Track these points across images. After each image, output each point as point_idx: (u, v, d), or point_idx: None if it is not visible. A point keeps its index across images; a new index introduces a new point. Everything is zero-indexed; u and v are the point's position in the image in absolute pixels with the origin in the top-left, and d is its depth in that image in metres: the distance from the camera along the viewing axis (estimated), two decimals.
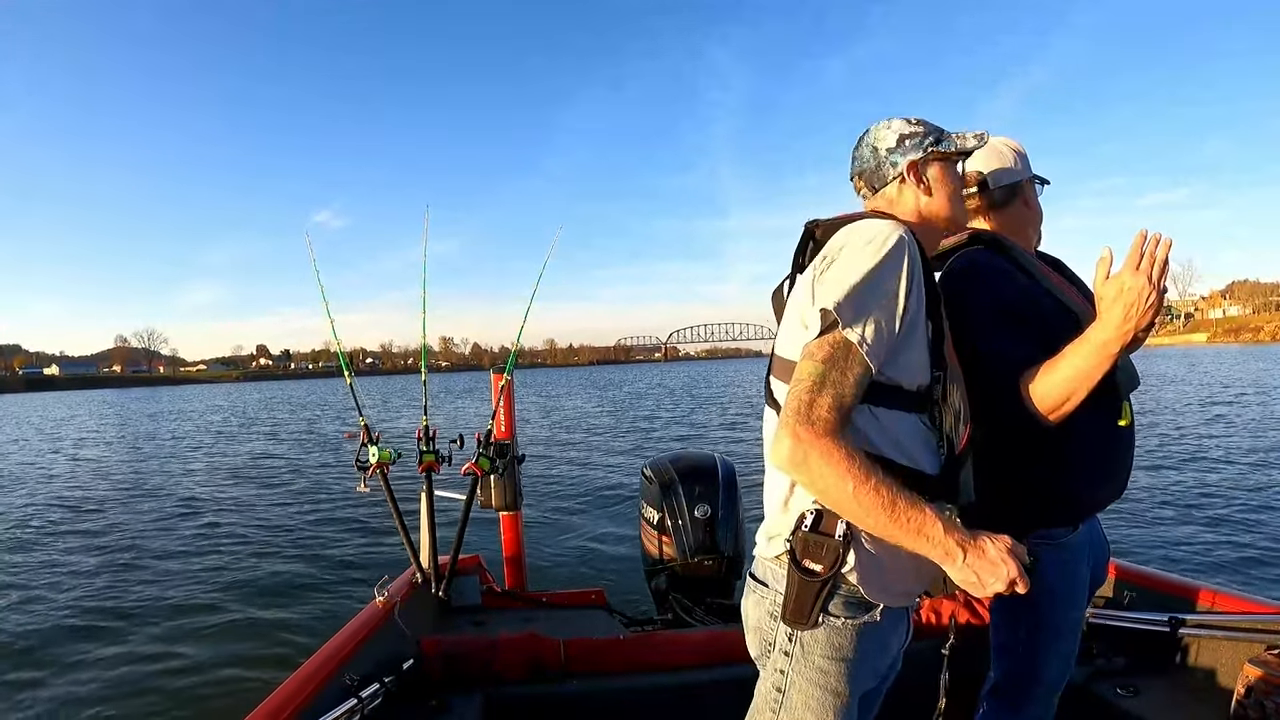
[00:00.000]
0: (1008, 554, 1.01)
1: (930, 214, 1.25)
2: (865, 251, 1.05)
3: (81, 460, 15.51)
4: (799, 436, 0.98)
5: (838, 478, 0.97)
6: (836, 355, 1.01)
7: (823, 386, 1.00)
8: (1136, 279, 1.19)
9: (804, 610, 1.05)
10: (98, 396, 79.72)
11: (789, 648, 1.09)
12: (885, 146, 1.26)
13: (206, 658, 4.29)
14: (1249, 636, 1.98)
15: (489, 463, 2.94)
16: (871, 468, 0.98)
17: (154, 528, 8.10)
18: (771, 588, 1.12)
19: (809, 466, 0.98)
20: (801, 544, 1.05)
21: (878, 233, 1.07)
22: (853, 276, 1.03)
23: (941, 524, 0.99)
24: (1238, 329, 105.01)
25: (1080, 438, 1.39)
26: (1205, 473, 8.80)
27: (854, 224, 1.13)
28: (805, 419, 0.98)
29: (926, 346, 1.11)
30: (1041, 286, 1.43)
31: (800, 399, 1.00)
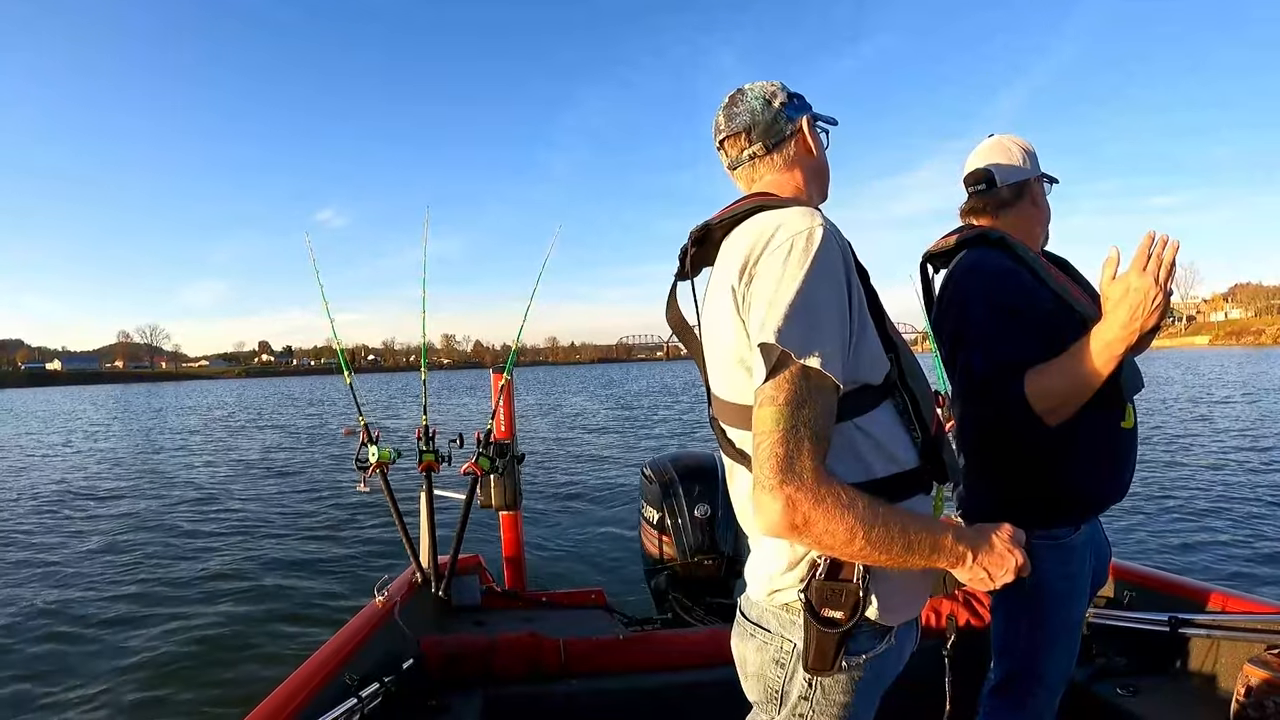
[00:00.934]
0: (1011, 543, 0.97)
1: (819, 175, 1.18)
2: (791, 261, 0.92)
3: (83, 457, 15.52)
4: (791, 500, 0.86)
5: (847, 529, 0.87)
6: (799, 391, 0.89)
7: (795, 432, 0.87)
8: (1143, 279, 1.18)
9: (827, 659, 0.97)
10: (100, 392, 79.79)
11: (808, 693, 1.02)
12: (779, 101, 1.14)
13: (206, 657, 4.30)
14: (1249, 636, 1.98)
15: (489, 462, 2.94)
16: (874, 504, 0.90)
17: (154, 527, 8.11)
18: (775, 634, 1.04)
19: (811, 528, 0.88)
20: (818, 594, 0.96)
21: (797, 232, 0.94)
22: (787, 295, 0.90)
23: (950, 532, 0.94)
24: (1239, 332, 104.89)
25: (1084, 438, 1.39)
26: (1205, 473, 8.79)
27: (754, 222, 1.01)
28: (790, 476, 0.87)
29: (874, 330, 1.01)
30: (1047, 286, 1.42)
31: (776, 454, 0.87)
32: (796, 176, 1.14)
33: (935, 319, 1.55)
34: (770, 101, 1.13)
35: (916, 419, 1.03)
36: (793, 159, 1.14)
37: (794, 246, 0.93)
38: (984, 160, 1.58)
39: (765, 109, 1.13)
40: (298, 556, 6.56)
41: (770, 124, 1.13)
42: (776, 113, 1.13)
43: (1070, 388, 1.26)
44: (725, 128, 1.15)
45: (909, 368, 1.04)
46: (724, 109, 1.16)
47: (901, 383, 1.02)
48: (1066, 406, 1.29)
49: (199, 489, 10.68)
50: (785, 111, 1.14)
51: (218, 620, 4.92)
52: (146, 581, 5.93)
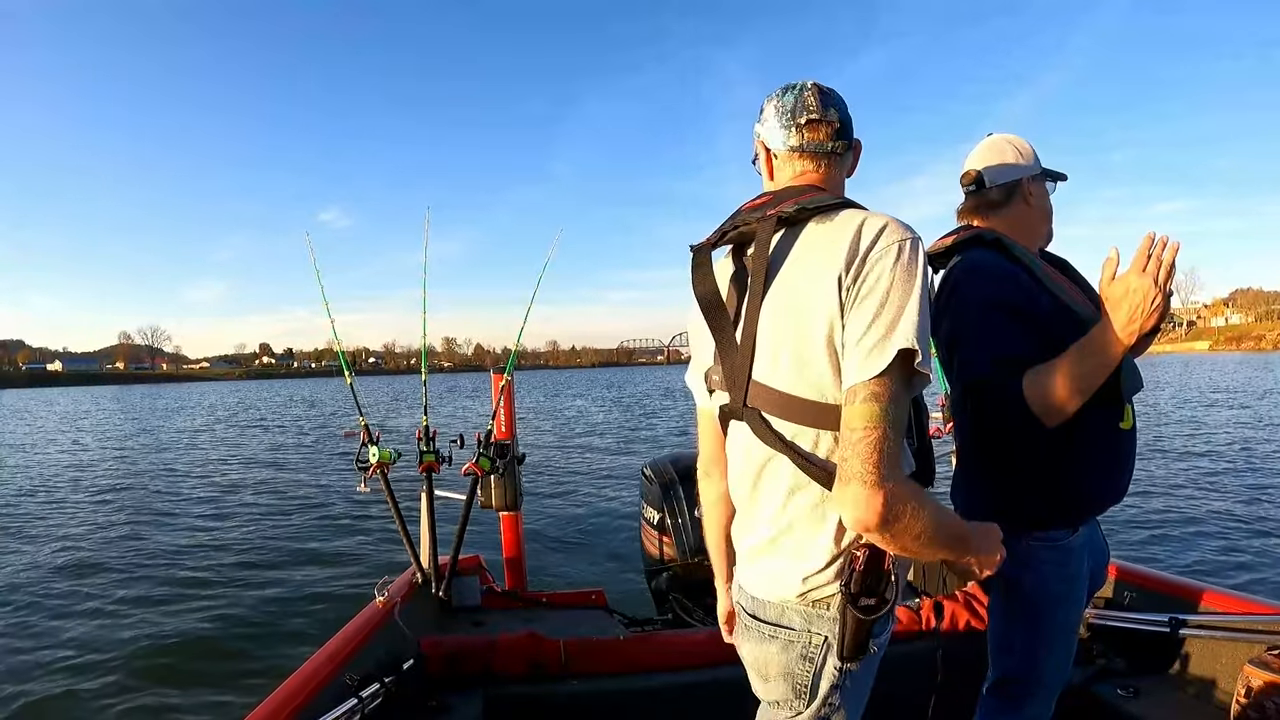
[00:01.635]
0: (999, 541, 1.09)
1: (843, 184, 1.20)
2: (911, 269, 0.95)
3: (85, 456, 15.54)
4: (893, 495, 0.89)
5: (922, 527, 0.91)
6: (897, 391, 0.92)
7: (896, 430, 0.91)
8: (1142, 280, 1.18)
9: (861, 644, 1.02)
10: (102, 393, 79.82)
11: (839, 681, 1.06)
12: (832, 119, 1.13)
13: (206, 657, 4.30)
14: (1249, 637, 1.98)
15: (489, 463, 2.94)
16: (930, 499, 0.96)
17: (154, 526, 8.12)
18: (801, 630, 1.06)
19: (898, 522, 0.90)
20: (859, 584, 0.99)
21: (904, 239, 0.97)
22: (909, 298, 0.93)
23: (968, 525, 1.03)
24: (1239, 337, 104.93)
25: (1082, 440, 1.39)
26: (1205, 473, 8.79)
27: (856, 217, 1.01)
28: (893, 472, 0.89)
29: None
30: (1044, 287, 1.43)
31: (881, 450, 0.89)
32: (843, 182, 1.18)
33: (932, 320, 1.55)
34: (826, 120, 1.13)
35: (915, 425, 1.07)
36: (849, 166, 1.19)
37: (904, 251, 0.95)
38: (978, 161, 1.59)
39: (848, 114, 1.16)
40: (298, 557, 6.56)
41: (851, 128, 1.16)
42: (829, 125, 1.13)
43: (1068, 388, 1.26)
44: (818, 111, 1.12)
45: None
46: (810, 94, 1.13)
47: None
48: (1065, 407, 1.28)
49: (199, 489, 10.69)
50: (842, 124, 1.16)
51: (218, 620, 4.93)
52: (146, 581, 5.93)
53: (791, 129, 1.13)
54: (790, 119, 1.13)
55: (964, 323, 1.43)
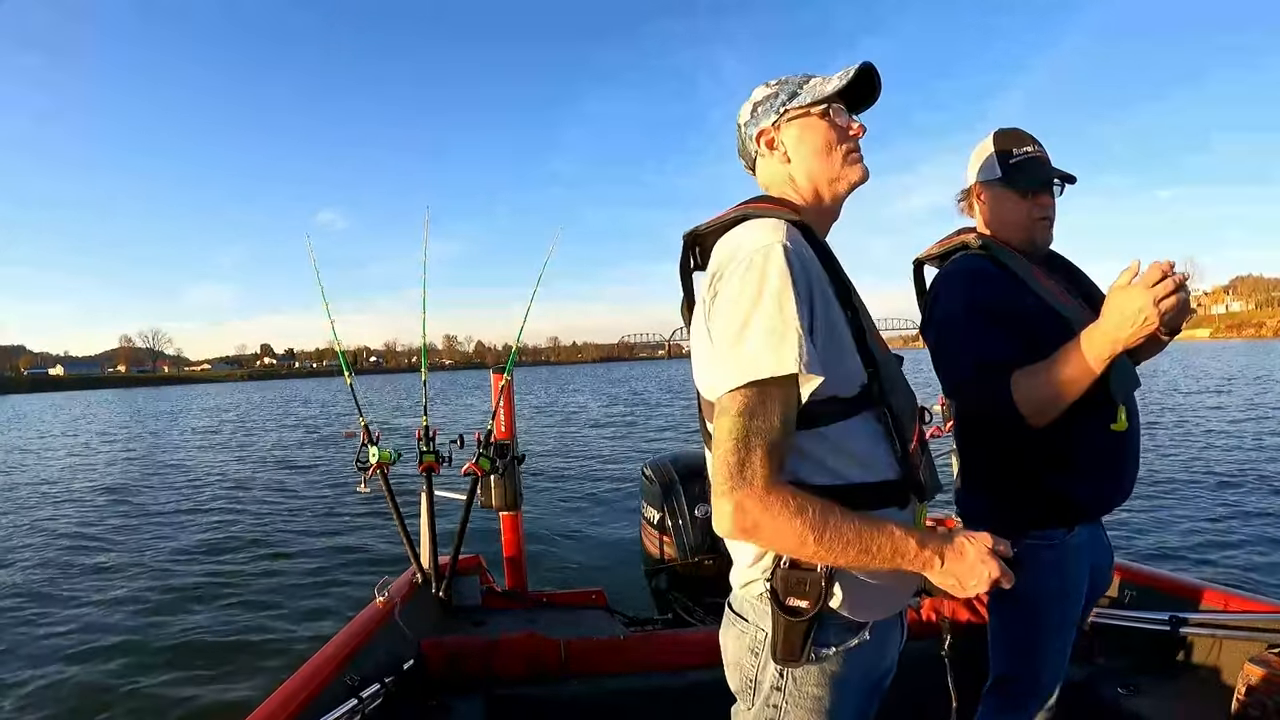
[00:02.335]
0: (988, 554, 0.96)
1: (800, 180, 1.12)
2: (748, 280, 0.95)
3: (85, 457, 15.57)
4: (741, 505, 0.90)
5: (795, 534, 0.91)
6: (752, 403, 0.92)
7: (748, 441, 0.91)
8: (1142, 296, 1.21)
9: (794, 649, 0.99)
10: (104, 396, 79.89)
11: (780, 683, 1.04)
12: (743, 121, 1.15)
13: (205, 658, 4.30)
14: (1250, 636, 1.98)
15: (489, 463, 2.94)
16: (826, 510, 0.92)
17: (154, 527, 8.13)
18: (752, 623, 1.06)
19: (760, 532, 0.92)
20: (783, 582, 0.99)
21: (756, 250, 0.96)
22: (740, 312, 0.94)
23: (914, 538, 0.94)
24: (1240, 324, 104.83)
25: (1073, 441, 1.40)
26: (1206, 471, 8.78)
27: (730, 236, 1.03)
28: (741, 482, 0.90)
29: (852, 343, 1.01)
30: (1028, 289, 1.43)
31: (729, 462, 0.91)
32: (782, 186, 1.14)
33: (921, 326, 1.56)
34: (740, 123, 1.17)
35: (896, 434, 1.03)
36: (772, 166, 1.14)
37: (751, 263, 0.96)
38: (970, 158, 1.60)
39: (738, 133, 1.18)
40: (298, 557, 6.56)
41: (742, 147, 1.18)
42: (743, 134, 1.17)
43: (1054, 389, 1.28)
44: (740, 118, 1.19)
45: (890, 383, 1.03)
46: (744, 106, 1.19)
47: (881, 397, 1.02)
48: (1052, 407, 1.30)
49: (199, 489, 10.70)
50: (748, 129, 1.16)
51: (218, 620, 4.93)
52: (146, 581, 5.94)
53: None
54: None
55: (946, 327, 1.45)
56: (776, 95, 1.13)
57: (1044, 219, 1.52)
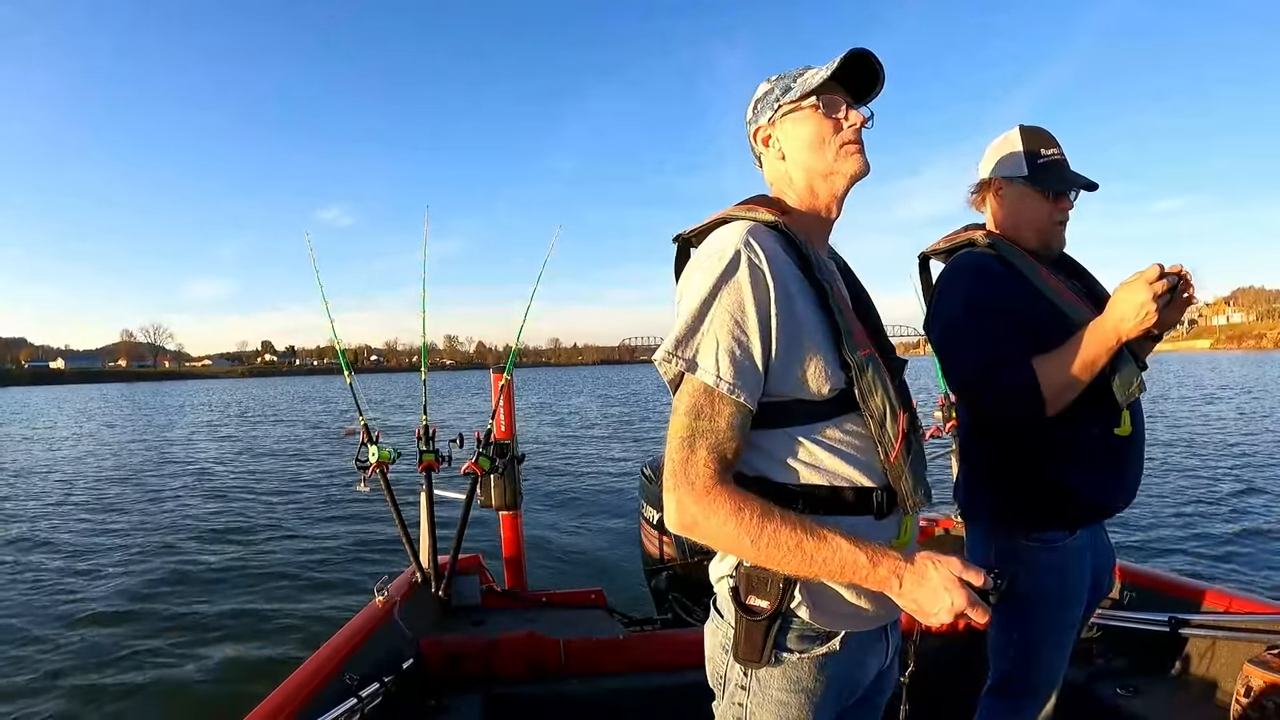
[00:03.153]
0: (953, 582, 0.88)
1: (797, 178, 1.08)
2: (699, 280, 0.95)
3: (83, 456, 15.56)
4: (682, 502, 0.92)
5: (732, 535, 0.91)
6: (699, 404, 0.93)
7: (693, 440, 0.92)
8: (1143, 291, 1.24)
9: (755, 649, 0.98)
10: (107, 391, 79.84)
11: (745, 682, 1.03)
12: (747, 118, 1.13)
13: (206, 657, 4.30)
14: (1250, 637, 1.98)
15: (489, 462, 2.94)
16: (767, 514, 0.90)
17: (154, 526, 8.13)
18: (725, 620, 1.05)
19: (699, 529, 0.92)
20: (745, 580, 0.98)
21: (712, 253, 0.96)
22: (687, 314, 0.94)
23: (864, 555, 0.89)
24: (1240, 335, 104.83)
25: (1077, 444, 1.40)
26: (1206, 473, 8.78)
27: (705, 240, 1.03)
28: (684, 479, 0.91)
29: (828, 346, 0.97)
30: (1034, 289, 1.42)
31: (674, 459, 0.93)
32: (780, 182, 1.11)
33: (925, 322, 1.56)
34: (746, 119, 1.14)
35: (879, 444, 0.99)
36: (771, 163, 1.11)
37: (703, 269, 0.96)
38: (985, 154, 1.59)
39: (745, 128, 1.15)
40: (298, 556, 6.56)
41: (748, 141, 1.15)
42: (747, 130, 1.14)
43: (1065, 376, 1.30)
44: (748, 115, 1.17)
45: (870, 389, 0.99)
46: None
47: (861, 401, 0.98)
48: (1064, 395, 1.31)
49: (198, 488, 10.70)
50: (750, 126, 1.13)
51: (217, 620, 4.93)
52: (145, 581, 5.94)
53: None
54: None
55: (952, 322, 1.43)
56: (772, 91, 1.09)
57: (1061, 222, 1.51)
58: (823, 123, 1.05)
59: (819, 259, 1.02)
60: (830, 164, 1.05)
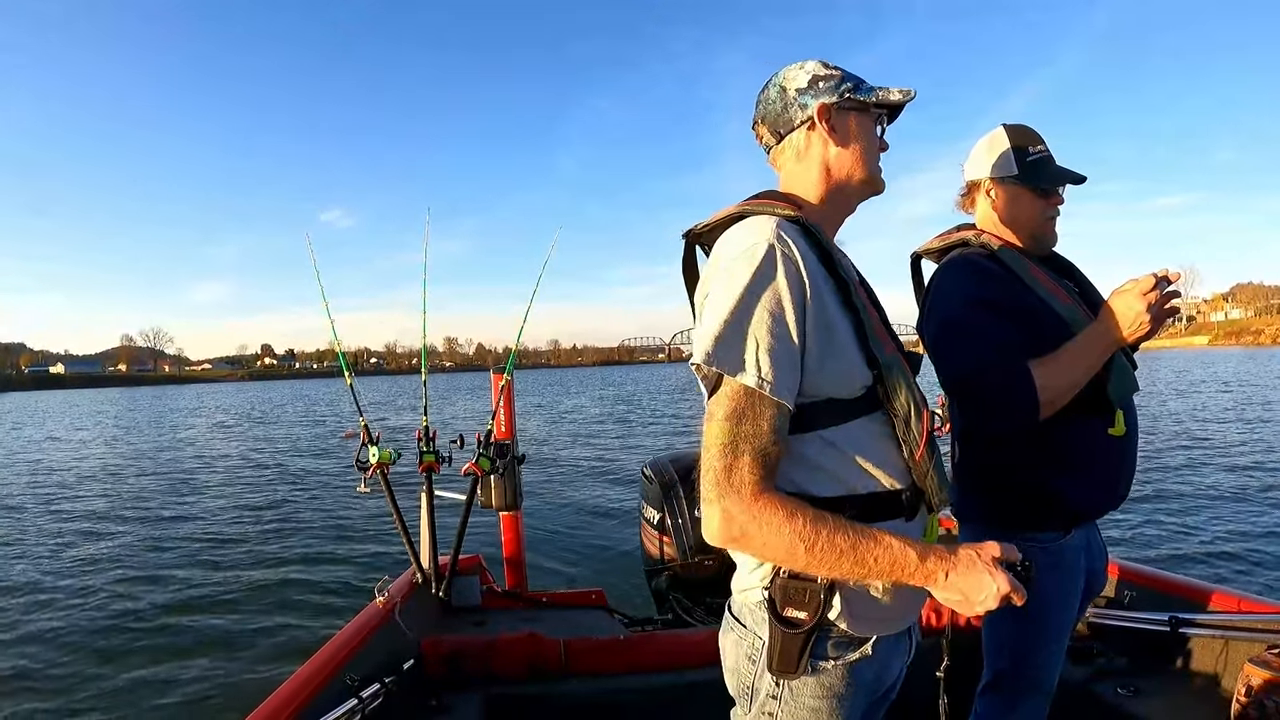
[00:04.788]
0: (994, 567, 0.89)
1: (841, 169, 1.08)
2: (732, 279, 0.92)
3: (84, 456, 15.57)
4: (728, 513, 0.88)
5: (785, 544, 0.88)
6: (739, 407, 0.90)
7: (736, 446, 0.89)
8: (1139, 301, 1.26)
9: (792, 661, 0.96)
10: (110, 395, 79.87)
11: (777, 692, 1.00)
12: (796, 86, 1.08)
13: (206, 658, 4.30)
14: (1250, 636, 1.98)
15: (489, 463, 2.94)
16: (819, 520, 0.88)
17: (154, 526, 8.13)
18: (750, 630, 1.03)
19: (749, 540, 0.89)
20: (781, 592, 0.95)
21: (742, 250, 0.94)
22: (723, 313, 0.91)
23: (914, 551, 0.89)
24: (1239, 332, 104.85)
25: (1071, 445, 1.41)
26: (1205, 472, 8.78)
27: (724, 236, 1.01)
28: (728, 488, 0.88)
29: (854, 344, 0.97)
30: (1027, 288, 1.43)
31: (716, 468, 0.89)
32: (811, 168, 1.08)
33: (919, 322, 1.56)
34: (785, 88, 1.09)
35: (902, 439, 0.99)
36: (805, 149, 1.08)
37: (733, 265, 0.93)
38: (972, 155, 1.59)
39: (779, 97, 1.09)
40: (298, 557, 6.57)
41: (781, 112, 1.09)
42: (789, 100, 1.08)
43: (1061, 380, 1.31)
44: (754, 115, 1.13)
45: (894, 385, 0.98)
46: (759, 92, 1.13)
47: (886, 400, 0.98)
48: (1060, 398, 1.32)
49: (199, 489, 10.71)
50: (800, 97, 1.07)
51: (218, 620, 4.93)
52: (144, 581, 5.94)
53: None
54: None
55: (947, 321, 1.44)
56: (841, 79, 1.07)
57: (1053, 218, 1.52)
58: (874, 132, 1.10)
59: (839, 254, 1.03)
60: (871, 171, 1.10)
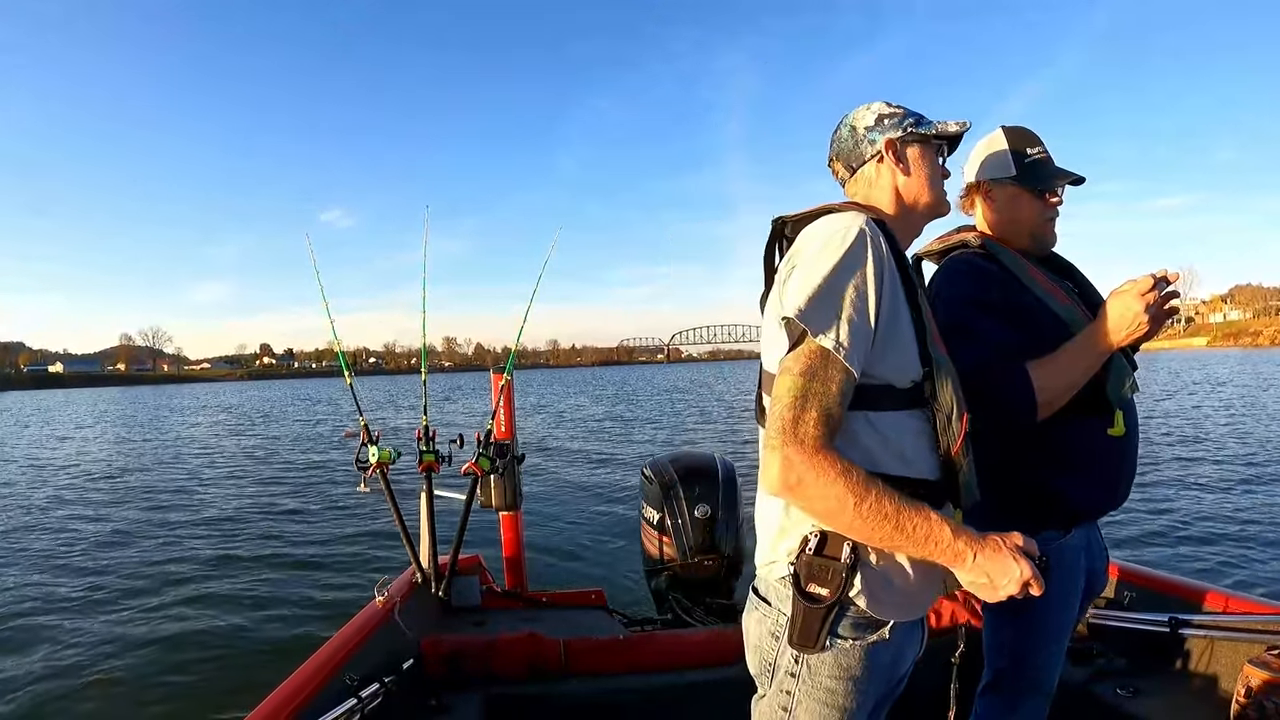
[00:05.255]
0: (1019, 553, 0.97)
1: (909, 195, 1.21)
2: (825, 253, 1.01)
3: (85, 457, 15.55)
4: (789, 459, 0.93)
5: (837, 497, 0.93)
6: (814, 366, 0.96)
7: (806, 400, 0.95)
8: (1137, 302, 1.27)
9: (811, 635, 1.01)
10: (107, 394, 79.81)
11: (796, 669, 1.05)
12: (864, 125, 1.23)
13: (206, 657, 4.30)
14: (1249, 637, 1.98)
15: (489, 462, 2.93)
16: (870, 480, 0.95)
17: (152, 526, 8.12)
18: (774, 607, 1.08)
19: (804, 489, 0.94)
20: (805, 568, 1.01)
21: (835, 230, 1.03)
22: (815, 279, 0.99)
23: (949, 527, 0.96)
24: (1237, 333, 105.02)
25: (1070, 444, 1.41)
26: (1205, 472, 8.78)
27: (817, 221, 1.10)
28: (793, 438, 0.94)
29: (913, 339, 1.06)
30: (1027, 289, 1.44)
31: (784, 417, 0.95)
32: (883, 196, 1.21)
33: None
34: (855, 127, 1.23)
35: (942, 435, 1.07)
36: (876, 179, 1.21)
37: (829, 240, 1.02)
38: (970, 157, 1.60)
39: (850, 135, 1.24)
40: (298, 556, 6.56)
41: (852, 149, 1.24)
42: (860, 137, 1.22)
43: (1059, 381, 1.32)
44: (829, 152, 1.28)
45: (942, 385, 1.07)
46: (832, 131, 1.28)
47: (933, 397, 1.06)
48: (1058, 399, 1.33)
49: (199, 489, 10.69)
50: (869, 134, 1.21)
51: (217, 620, 4.93)
52: (144, 581, 5.93)
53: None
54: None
55: (949, 321, 1.44)
56: (904, 115, 1.22)
57: (1052, 219, 1.53)
58: (936, 162, 1.23)
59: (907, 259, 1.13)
60: (936, 196, 1.23)
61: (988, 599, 0.98)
